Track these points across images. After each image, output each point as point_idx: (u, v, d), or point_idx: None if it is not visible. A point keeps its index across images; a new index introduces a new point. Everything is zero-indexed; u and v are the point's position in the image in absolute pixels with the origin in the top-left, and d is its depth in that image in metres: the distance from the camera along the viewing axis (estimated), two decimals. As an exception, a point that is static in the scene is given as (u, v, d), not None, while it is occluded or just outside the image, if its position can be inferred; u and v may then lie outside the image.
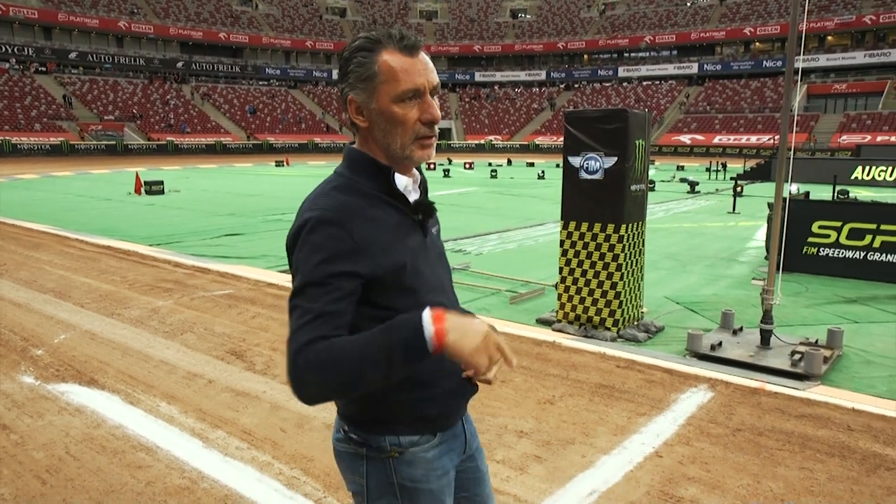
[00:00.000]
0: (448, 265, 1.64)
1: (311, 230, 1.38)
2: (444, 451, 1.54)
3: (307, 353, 1.28)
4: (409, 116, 1.42)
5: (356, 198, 1.45)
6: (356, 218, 1.40)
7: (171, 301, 6.79)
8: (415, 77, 1.42)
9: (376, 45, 1.43)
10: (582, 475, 3.29)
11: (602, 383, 4.56)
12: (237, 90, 69.06)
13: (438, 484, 1.53)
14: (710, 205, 18.04)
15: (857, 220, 8.29)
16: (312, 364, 1.27)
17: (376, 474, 1.49)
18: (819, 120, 56.28)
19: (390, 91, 1.41)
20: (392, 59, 1.41)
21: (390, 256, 1.41)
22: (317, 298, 1.33)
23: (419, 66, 1.43)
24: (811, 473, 3.31)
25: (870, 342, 5.67)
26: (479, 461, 1.71)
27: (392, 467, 1.48)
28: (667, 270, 8.76)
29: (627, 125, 5.72)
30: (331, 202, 1.43)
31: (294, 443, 3.62)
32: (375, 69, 1.42)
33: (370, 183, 1.47)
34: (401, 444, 1.48)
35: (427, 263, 1.51)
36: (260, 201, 18.16)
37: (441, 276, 1.55)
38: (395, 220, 1.46)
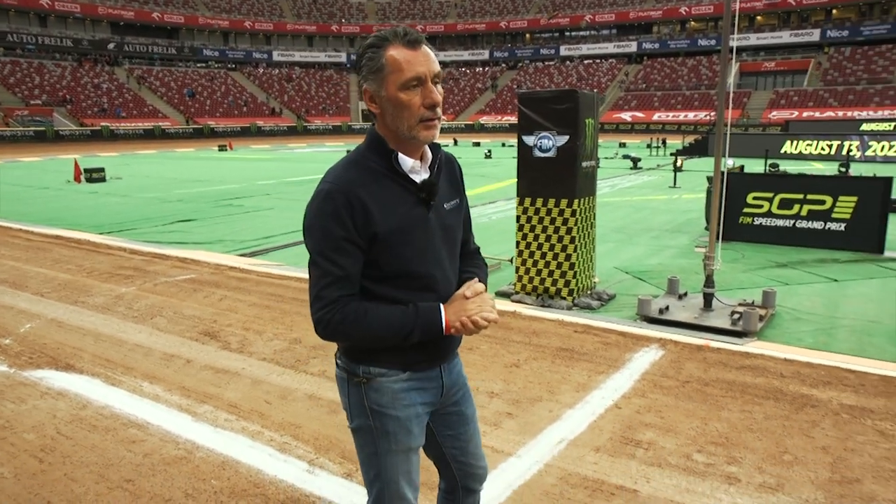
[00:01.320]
0: (454, 238, 1.86)
1: (323, 199, 1.68)
2: (413, 387, 1.82)
3: (339, 310, 1.65)
4: (413, 101, 1.67)
5: (364, 173, 1.71)
6: (361, 190, 1.67)
7: (135, 287, 6.82)
8: (416, 66, 1.66)
9: (384, 41, 1.68)
10: (551, 427, 3.61)
11: (562, 347, 4.90)
12: (174, 73, 66.98)
13: (405, 413, 1.81)
14: (652, 180, 18.73)
15: (786, 190, 8.88)
16: (346, 322, 1.65)
17: (355, 395, 1.82)
18: (751, 97, 58.37)
19: (396, 80, 1.66)
20: (397, 53, 1.66)
21: (385, 223, 1.68)
22: (336, 258, 1.66)
23: (420, 57, 1.67)
24: (750, 414, 3.71)
25: (799, 301, 6.20)
26: (464, 405, 1.99)
27: (364, 391, 1.80)
28: (615, 243, 9.21)
29: (578, 105, 6.03)
30: (340, 176, 1.71)
31: (280, 413, 3.83)
32: (383, 62, 1.66)
33: (379, 161, 1.73)
34: (370, 374, 1.78)
35: (425, 234, 1.76)
36: (208, 186, 17.93)
37: (439, 248, 1.79)
38: (395, 194, 1.72)
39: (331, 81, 74.92)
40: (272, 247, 9.27)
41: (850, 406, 3.82)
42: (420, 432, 1.86)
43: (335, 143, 49.47)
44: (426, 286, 1.76)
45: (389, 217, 1.69)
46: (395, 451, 1.81)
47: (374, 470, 1.84)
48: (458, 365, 1.98)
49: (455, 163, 1.92)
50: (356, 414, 1.83)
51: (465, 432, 2.00)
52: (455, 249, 1.87)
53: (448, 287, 1.80)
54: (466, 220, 1.96)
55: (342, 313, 1.65)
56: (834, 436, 3.46)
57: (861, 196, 8.44)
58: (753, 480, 3.05)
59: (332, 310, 1.66)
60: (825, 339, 5.17)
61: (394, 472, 1.83)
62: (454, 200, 1.86)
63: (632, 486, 3.01)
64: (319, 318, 1.68)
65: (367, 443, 1.83)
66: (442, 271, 1.79)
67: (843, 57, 59.16)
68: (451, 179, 1.87)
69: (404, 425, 1.80)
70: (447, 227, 1.82)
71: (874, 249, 8.32)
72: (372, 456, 1.83)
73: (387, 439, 1.80)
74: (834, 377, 4.25)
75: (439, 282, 1.78)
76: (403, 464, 1.83)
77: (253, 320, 5.64)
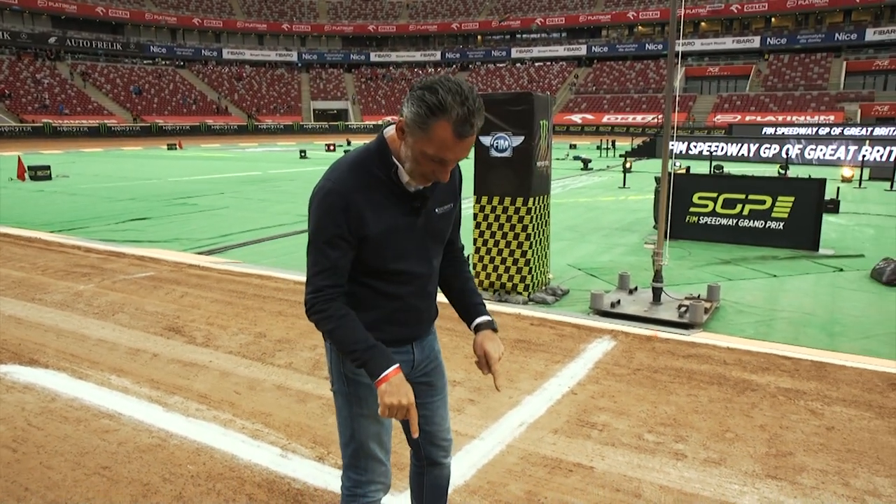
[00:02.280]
0: (441, 238, 2.02)
1: (324, 196, 1.83)
2: None
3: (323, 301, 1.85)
4: (428, 169, 1.79)
5: (364, 178, 1.85)
6: (355, 194, 1.83)
7: (93, 285, 6.77)
8: (447, 153, 1.73)
9: (443, 112, 1.66)
10: (511, 412, 3.82)
11: (519, 339, 5.12)
12: (120, 69, 65.18)
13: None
14: (602, 181, 19.24)
15: (729, 191, 9.34)
16: (324, 317, 1.86)
17: (335, 363, 2.02)
18: (696, 100, 60.22)
19: (427, 148, 1.73)
20: (442, 132, 1.68)
21: (373, 227, 1.84)
22: (324, 252, 1.84)
23: (459, 146, 1.73)
24: (696, 398, 3.99)
25: (741, 296, 6.58)
26: (434, 377, 2.18)
27: (341, 360, 1.99)
28: (568, 241, 9.52)
29: (533, 107, 6.26)
30: (342, 177, 1.85)
31: (250, 402, 3.93)
32: (427, 127, 1.71)
33: (381, 168, 1.87)
34: None
35: (412, 238, 1.92)
36: (160, 185, 17.63)
37: (426, 249, 1.97)
38: (390, 202, 1.87)
39: (282, 80, 74.04)
40: (229, 245, 9.26)
41: (785, 389, 4.13)
42: None
43: (287, 142, 48.96)
44: (405, 281, 1.95)
45: (380, 221, 1.85)
46: (366, 415, 2.00)
47: (349, 431, 2.03)
48: (431, 341, 2.16)
49: (457, 170, 2.02)
50: (335, 379, 2.03)
51: (431, 402, 2.18)
52: (440, 246, 2.04)
53: (427, 283, 2.01)
54: (456, 221, 2.12)
55: (323, 307, 1.84)
56: (771, 415, 3.76)
57: (798, 196, 8.95)
58: (699, 456, 3.31)
59: (317, 298, 1.84)
60: (765, 329, 5.52)
61: (365, 433, 2.02)
62: (447, 205, 2.01)
63: (588, 463, 3.24)
64: (307, 300, 1.87)
65: (343, 406, 2.03)
66: (422, 266, 1.97)
67: (782, 64, 61.60)
68: (449, 186, 2.01)
69: (374, 392, 1.97)
70: (436, 230, 1.98)
71: (810, 247, 8.82)
72: (347, 419, 2.03)
73: (359, 404, 1.99)
74: (772, 363, 4.58)
75: (418, 277, 1.97)
76: (374, 426, 2.03)
77: (216, 316, 5.69)
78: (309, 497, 2.93)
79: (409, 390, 1.82)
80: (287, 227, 10.93)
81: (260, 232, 10.36)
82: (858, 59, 58.71)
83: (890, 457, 3.27)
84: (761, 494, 2.95)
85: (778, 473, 3.13)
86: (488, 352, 2.02)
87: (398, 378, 1.81)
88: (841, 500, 2.90)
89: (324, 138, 50.79)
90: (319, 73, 76.71)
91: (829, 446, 3.38)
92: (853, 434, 3.51)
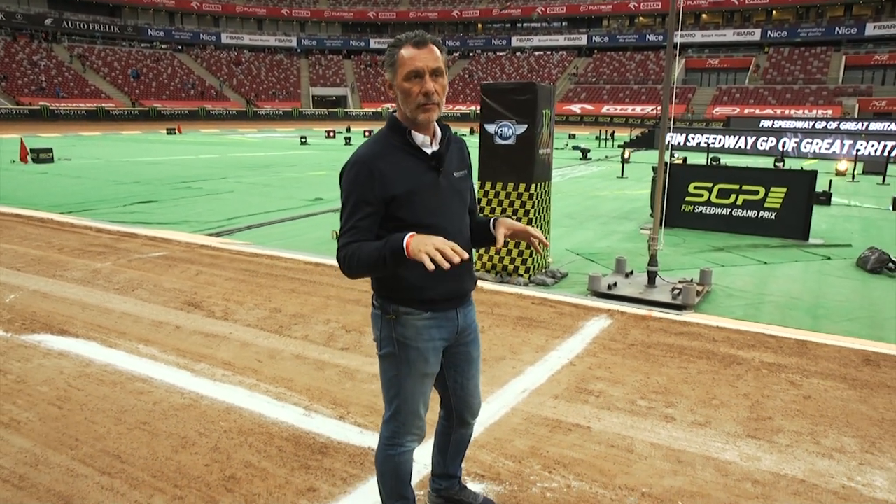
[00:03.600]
0: (464, 199, 2.31)
1: (350, 168, 2.16)
2: (433, 325, 2.26)
3: (345, 250, 2.11)
4: (413, 90, 2.12)
5: (385, 148, 2.18)
6: (380, 161, 2.14)
7: (110, 263, 7.04)
8: (416, 63, 2.09)
9: (400, 42, 2.14)
10: (514, 380, 4.12)
11: (521, 316, 5.42)
12: (117, 52, 65.00)
13: (424, 345, 2.26)
14: (601, 170, 19.52)
15: (724, 181, 9.63)
16: (346, 259, 2.10)
17: (386, 329, 2.27)
18: (696, 92, 60.36)
19: (402, 73, 2.11)
20: (405, 52, 2.11)
21: (401, 186, 2.14)
22: (352, 216, 2.14)
23: (423, 55, 2.10)
24: (686, 370, 4.30)
25: (732, 281, 6.88)
26: (472, 347, 2.46)
27: (393, 326, 2.25)
28: (567, 227, 9.82)
29: (537, 96, 6.54)
30: (366, 150, 2.18)
31: (272, 369, 4.23)
32: (396, 58, 2.12)
33: (397, 137, 2.18)
34: (399, 312, 2.23)
35: (435, 194, 2.21)
36: (163, 169, 17.85)
37: (451, 206, 2.25)
38: (410, 163, 2.17)
39: (281, 66, 73.92)
40: (237, 227, 9.53)
41: (768, 363, 4.44)
42: (436, 362, 2.31)
43: (286, 128, 49.05)
44: (437, 236, 2.21)
45: (405, 181, 2.14)
46: (413, 375, 2.27)
47: (395, 389, 2.29)
48: (472, 312, 2.44)
49: (463, 143, 2.38)
50: (385, 344, 2.27)
51: (467, 370, 2.46)
52: (464, 208, 2.32)
53: (458, 238, 2.24)
54: (472, 192, 2.41)
55: (345, 252, 2.10)
56: (754, 385, 4.07)
57: (790, 188, 9.24)
58: (686, 419, 3.62)
59: (342, 249, 2.11)
60: (753, 312, 5.83)
61: (411, 392, 2.28)
62: (462, 171, 2.32)
63: (586, 424, 3.54)
64: (337, 255, 2.14)
65: (391, 367, 2.28)
66: (452, 224, 2.23)
67: (781, 57, 61.73)
68: (460, 155, 2.32)
69: (423, 355, 2.25)
70: (457, 190, 2.27)
71: (800, 236, 9.13)
72: (394, 378, 2.28)
73: (408, 365, 2.26)
74: (757, 341, 4.89)
75: (449, 233, 2.21)
76: (419, 386, 2.29)
77: (232, 292, 5.98)
78: (333, 449, 3.23)
79: (431, 237, 1.96)
80: (292, 210, 11.20)
81: (266, 216, 10.62)
82: (858, 54, 58.88)
83: (858, 421, 3.59)
84: (741, 451, 3.26)
85: (757, 434, 3.44)
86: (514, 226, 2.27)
87: (417, 236, 1.96)
88: (811, 456, 3.21)
89: (323, 125, 50.88)
90: (319, 59, 76.58)
91: (805, 412, 3.69)
92: (827, 402, 3.82)
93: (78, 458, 3.10)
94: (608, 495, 2.87)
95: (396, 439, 2.35)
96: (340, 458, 3.16)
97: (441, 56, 2.15)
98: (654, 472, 3.07)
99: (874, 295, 6.41)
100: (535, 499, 2.84)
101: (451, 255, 1.90)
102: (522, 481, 2.97)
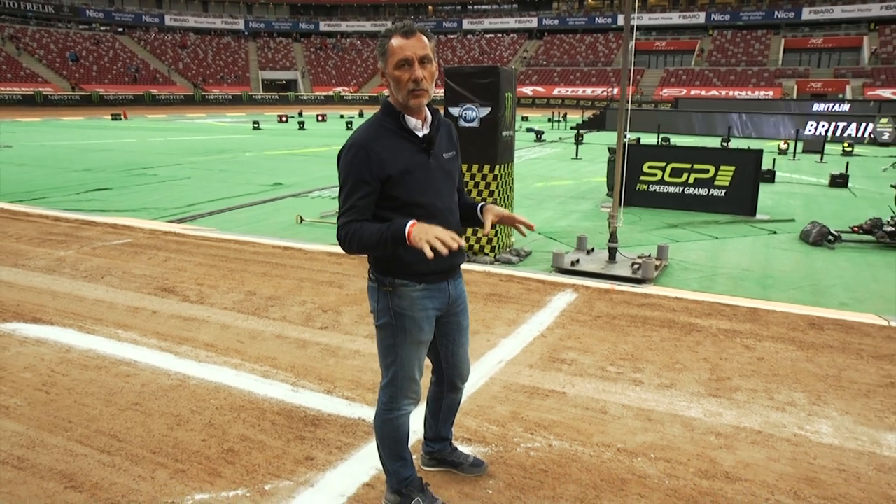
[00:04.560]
0: (453, 178, 2.47)
1: (347, 150, 2.30)
2: (426, 295, 2.43)
3: (346, 229, 2.26)
4: (403, 77, 2.26)
5: (379, 131, 2.32)
6: (376, 144, 2.28)
7: (73, 251, 6.96)
8: (405, 51, 2.24)
9: (390, 33, 2.27)
10: (490, 352, 4.32)
11: (491, 292, 5.63)
12: (53, 34, 62.43)
13: (419, 315, 2.43)
14: (555, 152, 19.87)
15: (677, 160, 10.01)
16: (348, 237, 2.26)
17: (383, 300, 2.42)
18: (644, 74, 61.45)
19: (392, 61, 2.25)
20: (395, 41, 2.24)
21: (394, 166, 2.28)
22: (350, 195, 2.28)
23: (411, 44, 2.25)
24: (649, 338, 4.58)
25: (686, 255, 7.23)
26: (462, 317, 2.63)
27: (389, 297, 2.40)
28: (527, 207, 10.06)
29: (499, 80, 6.71)
30: (362, 133, 2.33)
31: (255, 349, 4.33)
32: (387, 48, 2.26)
33: (390, 121, 2.32)
34: (395, 284, 2.38)
35: (426, 174, 2.36)
36: (114, 156, 17.42)
37: (441, 185, 2.40)
38: (403, 145, 2.32)
39: (228, 49, 72.24)
40: (199, 214, 9.46)
41: (725, 329, 4.76)
42: (429, 330, 2.47)
43: (237, 113, 48.13)
44: (429, 213, 2.35)
45: (398, 162, 2.29)
46: (409, 342, 2.43)
47: (392, 356, 2.45)
48: (461, 284, 2.60)
49: (452, 126, 2.53)
50: (382, 315, 2.42)
51: (457, 338, 2.64)
52: (453, 187, 2.48)
53: (448, 215, 2.41)
54: (460, 170, 2.57)
55: (346, 230, 2.25)
56: (712, 350, 4.37)
57: (738, 166, 9.68)
58: (653, 382, 3.88)
59: (343, 228, 2.26)
60: (708, 283, 6.17)
61: (407, 358, 2.45)
62: (451, 152, 2.47)
63: (561, 389, 3.77)
64: (338, 233, 2.28)
65: (388, 336, 2.44)
66: (442, 202, 2.40)
67: (725, 40, 63.33)
68: (448, 137, 2.47)
69: (418, 324, 2.41)
70: (446, 170, 2.43)
71: (748, 212, 9.59)
72: (391, 346, 2.44)
73: (404, 334, 2.42)
74: (714, 310, 5.21)
75: (441, 210, 2.38)
76: (415, 353, 2.46)
77: (204, 277, 6.01)
78: (325, 421, 3.38)
79: (432, 226, 2.13)
80: (252, 196, 11.15)
81: (227, 201, 10.56)
82: (795, 37, 60.91)
83: (805, 378, 3.92)
84: (704, 408, 3.54)
85: (718, 393, 3.72)
86: (501, 213, 2.45)
87: (418, 225, 2.13)
88: (766, 409, 3.51)
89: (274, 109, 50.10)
90: (267, 41, 75.08)
91: (759, 372, 4.00)
92: (778, 362, 4.15)
93: (74, 438, 3.17)
94: (587, 451, 3.10)
95: (394, 403, 2.51)
96: (333, 428, 3.31)
97: (429, 44, 2.29)
98: (627, 429, 3.31)
99: (816, 265, 6.85)
100: (520, 458, 3.05)
101: (450, 243, 2.09)
102: (507, 443, 3.18)
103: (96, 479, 2.83)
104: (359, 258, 6.10)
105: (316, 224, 8.77)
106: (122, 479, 2.83)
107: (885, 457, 3.09)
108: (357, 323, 4.85)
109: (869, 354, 4.30)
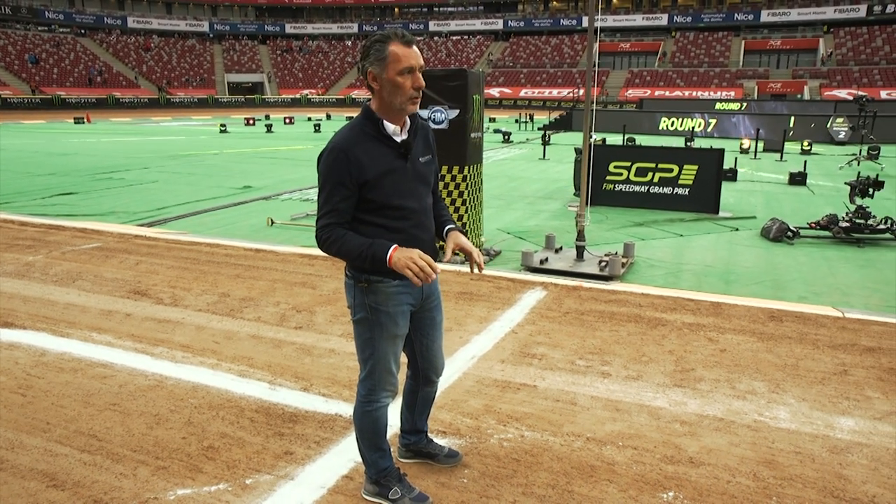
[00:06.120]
0: (428, 182, 2.57)
1: (328, 154, 2.37)
2: (401, 290, 2.52)
3: (326, 232, 2.36)
4: (406, 84, 2.34)
5: (359, 136, 2.40)
6: (355, 148, 2.36)
7: (42, 256, 6.89)
8: (410, 60, 2.32)
9: (388, 38, 2.33)
10: (463, 348, 4.43)
11: (462, 291, 5.74)
12: (11, 36, 60.97)
13: (394, 309, 2.52)
14: (523, 153, 20.10)
15: (642, 160, 10.26)
16: (328, 242, 2.37)
17: (359, 296, 2.51)
18: (609, 75, 62.31)
19: (395, 68, 2.31)
20: (397, 48, 2.30)
21: (373, 172, 2.37)
22: (330, 198, 2.37)
23: (413, 53, 2.34)
24: (617, 332, 4.73)
25: (652, 253, 7.44)
26: (436, 313, 2.73)
27: (365, 293, 2.49)
28: (496, 208, 10.21)
29: (467, 82, 6.83)
30: (342, 137, 2.40)
31: (230, 349, 4.37)
32: (387, 54, 2.31)
33: (370, 126, 2.41)
34: (370, 280, 2.47)
35: (403, 179, 2.46)
36: (79, 160, 17.14)
37: (416, 188, 2.50)
38: (382, 150, 2.41)
39: (193, 52, 71.30)
40: (168, 217, 9.41)
41: (689, 323, 4.94)
42: (405, 324, 2.57)
43: (202, 116, 47.55)
44: (404, 216, 2.46)
45: (376, 166, 2.38)
46: (385, 336, 2.52)
47: (370, 350, 2.54)
48: (435, 280, 2.69)
49: (429, 129, 2.62)
50: (359, 310, 2.51)
51: (432, 333, 2.74)
52: (428, 189, 2.58)
53: (423, 217, 2.51)
54: (436, 173, 2.67)
55: (328, 234, 2.35)
56: (677, 343, 4.54)
57: (701, 165, 9.95)
58: (621, 374, 4.03)
59: (323, 231, 2.36)
60: (673, 279, 6.37)
61: (384, 352, 2.54)
62: (427, 156, 2.56)
63: (532, 383, 3.89)
64: (317, 234, 2.39)
65: (365, 330, 2.53)
66: (418, 203, 2.50)
67: (687, 41, 64.55)
68: (425, 141, 2.56)
69: (393, 318, 2.51)
70: (422, 174, 2.52)
71: (711, 210, 9.87)
72: (368, 340, 2.53)
73: (380, 328, 2.51)
74: (678, 305, 5.39)
75: (416, 212, 2.48)
76: (391, 346, 2.55)
77: (177, 280, 6.01)
78: (302, 417, 3.45)
79: (413, 250, 2.29)
80: (221, 199, 11.11)
81: (196, 205, 10.51)
82: (755, 39, 62.41)
83: (765, 367, 4.11)
84: (670, 398, 3.70)
85: (682, 383, 3.89)
86: (462, 244, 2.56)
87: (400, 250, 2.29)
88: (728, 398, 3.68)
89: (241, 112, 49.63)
90: (233, 44, 74.31)
91: (722, 363, 4.18)
92: (740, 354, 4.33)
93: (54, 439, 3.19)
94: (558, 441, 3.23)
95: (372, 396, 2.60)
96: (311, 424, 3.38)
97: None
98: (596, 419, 3.45)
99: (776, 260, 7.10)
100: (493, 448, 3.16)
101: (429, 273, 2.26)
102: (481, 434, 3.29)
103: (78, 478, 2.87)
104: (332, 259, 6.16)
105: (287, 226, 8.79)
106: (103, 477, 2.87)
107: (838, 439, 3.27)
108: (331, 322, 4.92)
109: (824, 344, 4.51)
